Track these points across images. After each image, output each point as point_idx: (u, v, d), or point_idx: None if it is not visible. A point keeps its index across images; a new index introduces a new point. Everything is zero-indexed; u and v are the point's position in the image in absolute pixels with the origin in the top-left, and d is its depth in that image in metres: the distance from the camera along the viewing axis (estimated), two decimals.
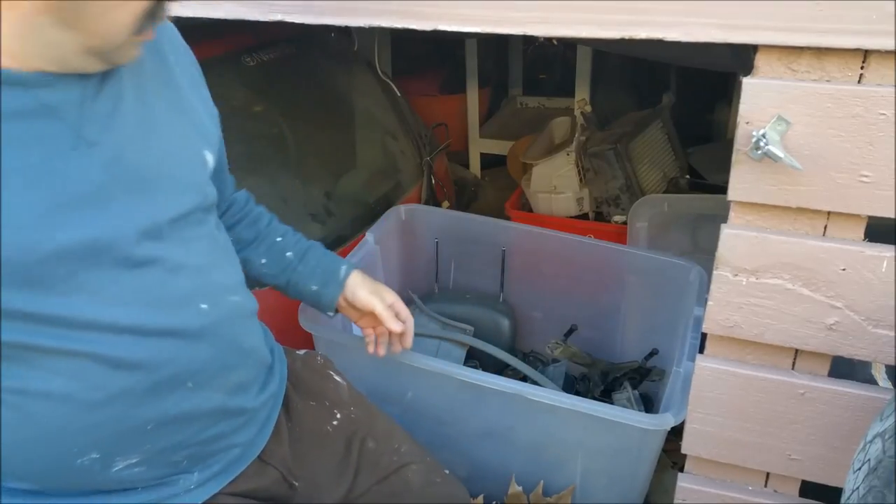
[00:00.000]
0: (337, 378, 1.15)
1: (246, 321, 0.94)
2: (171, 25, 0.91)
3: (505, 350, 1.62)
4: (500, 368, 1.65)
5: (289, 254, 1.12)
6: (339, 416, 1.09)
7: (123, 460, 0.83)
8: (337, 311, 1.17)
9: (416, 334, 1.24)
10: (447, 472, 1.15)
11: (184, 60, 0.92)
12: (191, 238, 0.85)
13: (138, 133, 0.79)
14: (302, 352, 1.17)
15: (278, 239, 1.13)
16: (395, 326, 1.14)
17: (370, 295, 1.13)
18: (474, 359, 1.68)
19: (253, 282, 1.05)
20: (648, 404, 1.61)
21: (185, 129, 0.87)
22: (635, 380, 1.63)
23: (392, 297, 1.16)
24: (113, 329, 0.77)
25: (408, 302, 1.65)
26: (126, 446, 0.82)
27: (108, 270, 0.76)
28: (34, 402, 0.76)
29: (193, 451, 0.89)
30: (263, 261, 1.12)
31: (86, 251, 0.74)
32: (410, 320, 1.18)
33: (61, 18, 0.67)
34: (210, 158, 0.90)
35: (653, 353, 1.61)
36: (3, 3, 0.66)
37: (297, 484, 1.01)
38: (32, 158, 0.71)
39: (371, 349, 1.20)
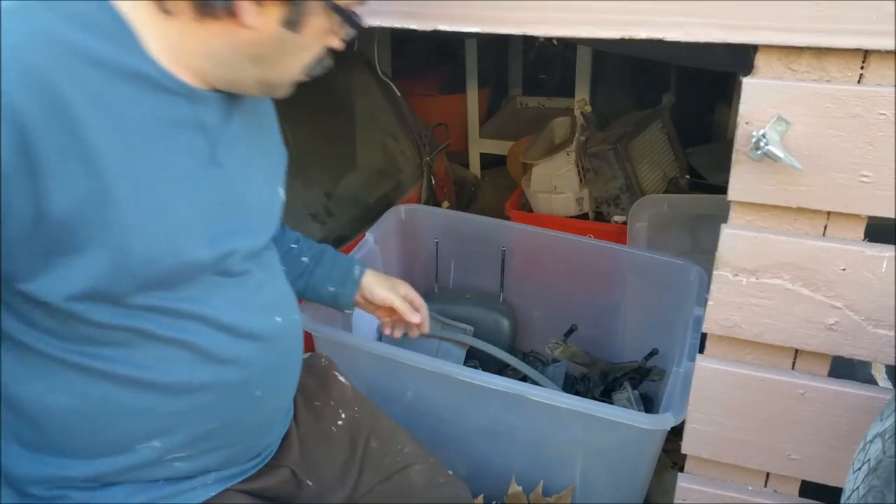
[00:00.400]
0: (341, 379, 1.15)
1: (301, 338, 0.99)
2: None
3: (505, 350, 1.62)
4: (500, 368, 1.65)
5: (304, 259, 1.17)
6: (343, 416, 1.09)
7: (176, 452, 0.84)
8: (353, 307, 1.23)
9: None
10: (450, 472, 1.15)
11: (269, 102, 0.97)
12: (269, 260, 0.93)
13: (244, 162, 0.85)
14: (306, 354, 1.17)
15: (293, 245, 1.17)
16: (414, 318, 1.23)
17: (387, 292, 1.21)
18: (474, 359, 1.68)
19: None
20: (648, 404, 1.61)
21: (267, 171, 0.93)
22: (635, 380, 1.63)
23: (405, 288, 1.24)
24: (214, 325, 0.81)
25: None
26: (187, 440, 0.85)
27: (217, 277, 0.82)
28: (121, 385, 0.78)
29: (234, 453, 0.91)
30: (282, 267, 1.14)
31: (208, 263, 0.79)
32: (424, 308, 1.26)
33: (258, 56, 0.74)
34: (281, 194, 0.97)
35: (653, 352, 1.61)
36: (221, 34, 0.71)
37: (309, 483, 1.01)
38: (184, 167, 0.75)
39: (388, 331, 1.29)
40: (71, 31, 0.66)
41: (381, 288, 1.21)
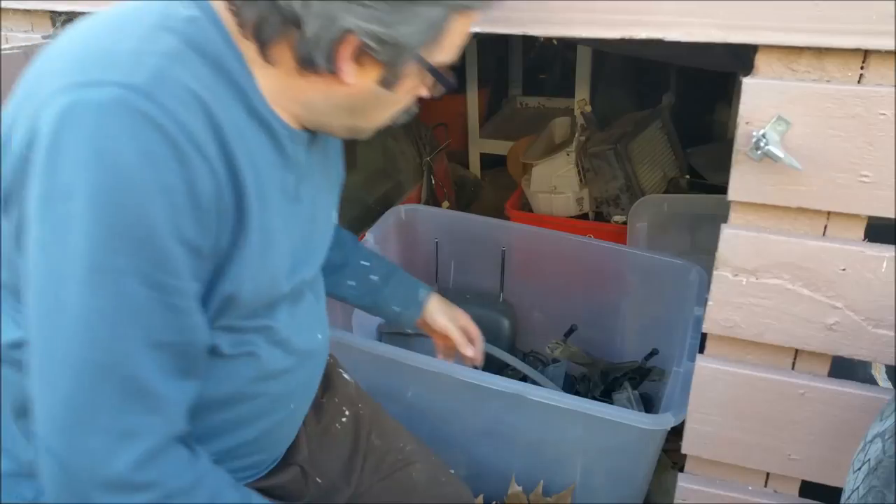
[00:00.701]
0: (345, 376, 1.16)
1: (327, 352, 1.02)
2: None
3: (505, 350, 1.62)
4: (500, 368, 1.65)
5: (373, 277, 1.20)
6: (347, 413, 1.10)
7: (212, 457, 0.84)
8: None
9: (415, 334, 1.27)
10: (452, 471, 1.15)
11: None
12: (318, 279, 0.97)
13: (317, 194, 0.87)
14: None
15: (364, 263, 1.20)
16: (468, 352, 1.26)
17: (447, 320, 1.25)
18: None
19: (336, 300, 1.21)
20: (648, 404, 1.61)
21: (332, 191, 0.96)
22: (635, 380, 1.63)
23: (464, 320, 1.28)
24: (273, 339, 0.83)
25: None
26: (225, 448, 0.85)
27: (287, 301, 0.85)
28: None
29: (260, 459, 0.92)
30: (352, 283, 1.20)
31: (287, 292, 0.83)
32: (480, 341, 1.30)
33: (351, 108, 0.77)
34: (335, 217, 0.99)
35: (653, 353, 1.61)
36: (319, 87, 0.73)
37: (318, 480, 1.02)
38: (281, 205, 0.77)
39: (440, 356, 1.33)
40: (213, 75, 0.68)
41: (442, 315, 1.24)
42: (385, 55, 0.70)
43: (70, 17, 1.32)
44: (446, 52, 0.74)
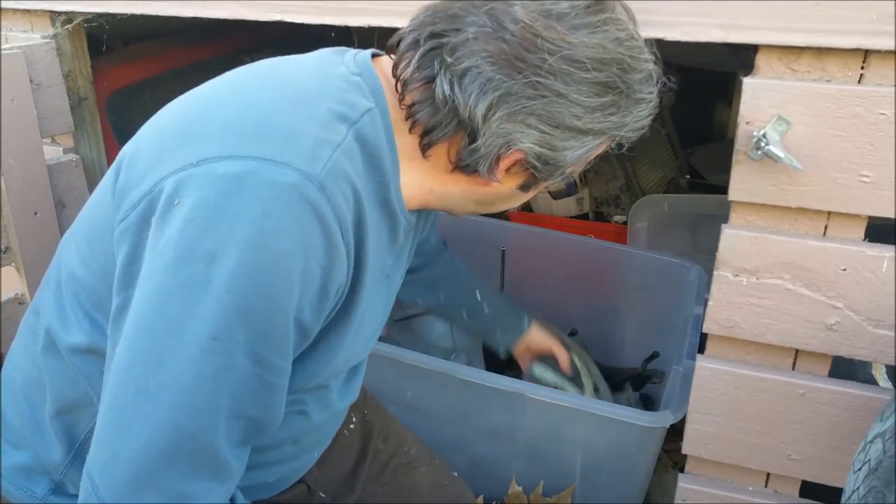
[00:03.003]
0: None
1: None
2: None
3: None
4: (501, 368, 1.64)
5: (477, 295, 1.27)
6: (354, 419, 1.09)
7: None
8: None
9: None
10: (455, 474, 1.15)
11: None
12: None
13: (400, 268, 0.87)
14: None
15: (470, 280, 1.28)
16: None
17: (549, 338, 1.36)
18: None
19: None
20: (649, 405, 1.60)
21: (407, 261, 0.94)
22: (637, 384, 1.62)
23: (564, 353, 1.37)
24: (324, 399, 0.85)
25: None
26: (255, 483, 0.86)
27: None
28: None
29: (278, 483, 0.92)
30: (462, 309, 1.29)
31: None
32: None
33: (484, 202, 0.78)
34: None
35: (653, 356, 1.61)
36: (463, 185, 0.74)
37: (323, 495, 1.01)
38: (377, 285, 0.78)
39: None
40: (368, 168, 0.69)
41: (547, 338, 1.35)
42: (544, 173, 0.72)
43: (70, 17, 1.32)
44: (582, 165, 0.76)
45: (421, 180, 0.74)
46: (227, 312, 0.59)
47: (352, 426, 1.09)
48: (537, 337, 1.35)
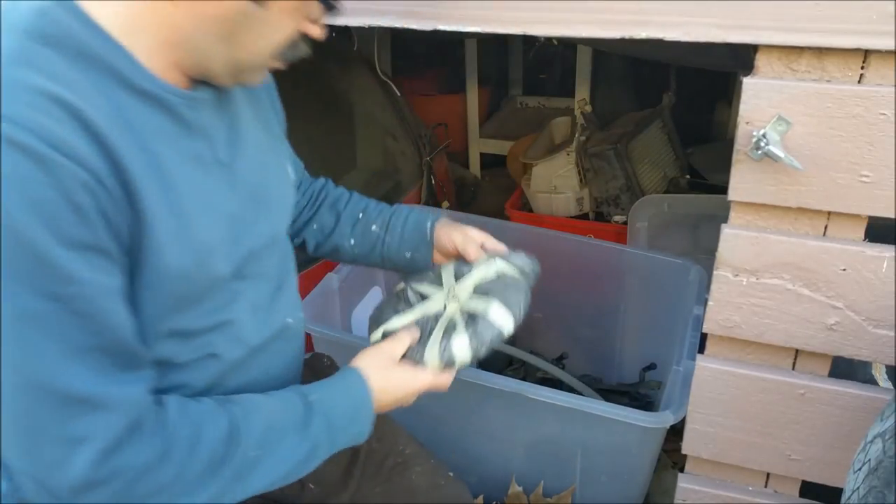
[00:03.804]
0: None
1: (303, 338, 0.98)
2: None
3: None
4: (500, 368, 1.65)
5: (374, 228, 1.07)
6: None
7: None
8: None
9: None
10: (451, 474, 1.15)
11: (267, 82, 0.95)
12: (283, 255, 0.92)
13: (253, 156, 0.83)
14: (308, 355, 1.16)
15: (360, 215, 1.08)
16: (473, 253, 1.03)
17: (451, 232, 1.06)
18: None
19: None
20: (649, 408, 1.60)
21: (274, 148, 0.91)
22: (636, 400, 1.62)
23: (479, 236, 1.07)
24: (231, 332, 0.82)
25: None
26: None
27: (235, 283, 0.81)
28: None
29: None
30: (352, 242, 1.08)
31: (231, 271, 0.79)
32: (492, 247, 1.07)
33: (224, 33, 0.71)
34: (291, 172, 0.94)
35: (650, 366, 1.61)
36: (188, 13, 0.69)
37: (311, 486, 1.01)
38: (196, 174, 0.74)
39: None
40: (75, 65, 0.65)
41: (456, 233, 1.05)
42: None
43: None
44: None
45: (151, 42, 0.70)
46: None
47: None
48: (443, 238, 1.06)
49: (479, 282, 0.97)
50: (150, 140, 0.69)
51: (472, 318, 0.92)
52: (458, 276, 0.99)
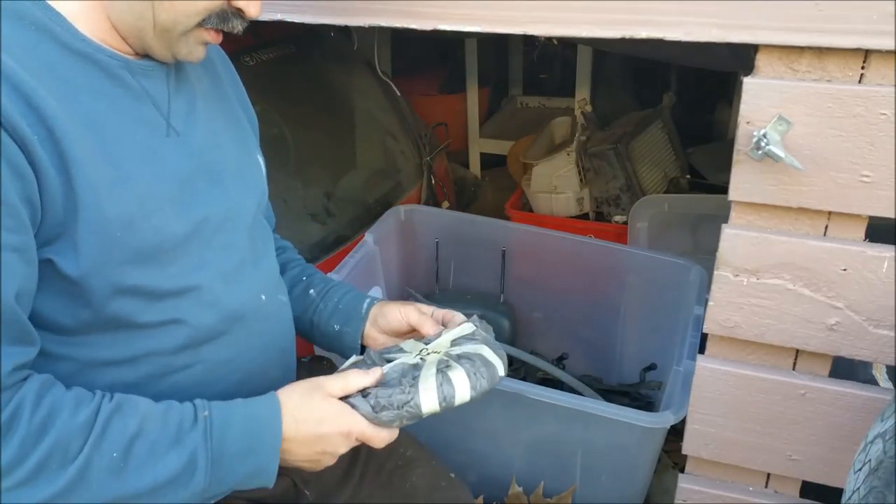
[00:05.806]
0: None
1: (291, 322, 0.99)
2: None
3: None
4: None
5: (312, 292, 1.07)
6: None
7: None
8: (364, 348, 1.04)
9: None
10: (452, 475, 1.15)
11: (231, 74, 1.00)
12: (256, 236, 0.94)
13: (209, 133, 0.87)
14: (306, 358, 1.16)
15: (304, 278, 1.09)
16: (429, 329, 0.97)
17: (402, 307, 1.01)
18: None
19: None
20: (649, 408, 1.60)
21: (239, 139, 0.95)
22: (637, 401, 1.62)
23: (429, 308, 1.02)
24: (199, 298, 0.83)
25: (407, 298, 1.65)
26: None
27: (203, 252, 0.83)
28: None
29: None
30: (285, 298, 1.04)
31: (186, 231, 0.81)
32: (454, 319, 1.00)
33: None
34: (262, 161, 0.98)
35: (651, 367, 1.61)
36: None
37: (307, 492, 1.00)
38: (139, 136, 0.78)
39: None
40: (19, 26, 0.70)
41: (394, 307, 1.01)
42: None
43: None
44: None
45: (81, 5, 0.74)
46: None
47: None
48: (389, 313, 1.01)
49: (457, 337, 0.93)
50: (82, 94, 0.73)
51: (466, 357, 0.87)
52: (427, 343, 0.93)
